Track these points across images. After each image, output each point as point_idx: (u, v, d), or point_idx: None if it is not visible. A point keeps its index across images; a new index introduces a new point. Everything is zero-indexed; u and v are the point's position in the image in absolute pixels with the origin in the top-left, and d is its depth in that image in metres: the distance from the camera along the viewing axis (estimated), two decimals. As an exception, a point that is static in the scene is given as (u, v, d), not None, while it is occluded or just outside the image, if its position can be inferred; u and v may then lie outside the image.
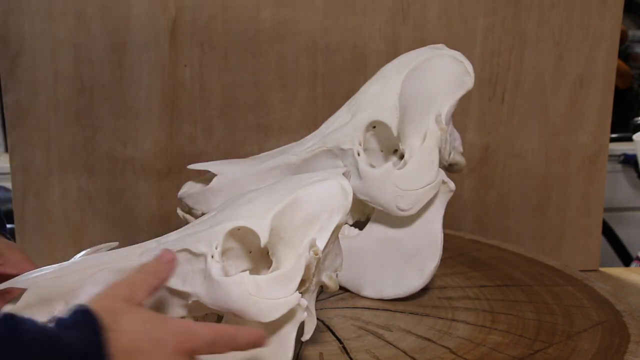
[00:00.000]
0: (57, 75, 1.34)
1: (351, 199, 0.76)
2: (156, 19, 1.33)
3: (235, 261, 0.75)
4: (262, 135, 1.39)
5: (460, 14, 1.38)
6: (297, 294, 0.72)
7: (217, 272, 0.72)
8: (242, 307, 0.71)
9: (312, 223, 0.74)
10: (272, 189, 0.77)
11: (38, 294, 0.74)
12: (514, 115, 1.43)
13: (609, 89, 1.43)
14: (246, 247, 0.75)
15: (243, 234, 0.74)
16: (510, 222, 1.48)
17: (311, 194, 0.75)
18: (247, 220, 0.73)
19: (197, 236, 0.74)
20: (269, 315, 0.71)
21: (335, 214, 0.75)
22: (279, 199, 0.74)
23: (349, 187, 0.76)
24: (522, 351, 0.85)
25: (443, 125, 0.94)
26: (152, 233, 1.41)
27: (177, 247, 0.74)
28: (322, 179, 0.77)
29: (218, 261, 0.72)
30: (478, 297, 1.00)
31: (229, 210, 0.76)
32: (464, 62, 0.97)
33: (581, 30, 1.40)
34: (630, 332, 0.89)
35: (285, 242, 0.74)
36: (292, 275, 0.72)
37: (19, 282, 0.75)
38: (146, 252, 0.76)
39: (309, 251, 0.73)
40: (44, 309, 0.74)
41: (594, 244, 1.51)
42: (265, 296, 0.71)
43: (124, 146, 1.38)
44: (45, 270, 0.77)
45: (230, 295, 0.71)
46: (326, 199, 0.75)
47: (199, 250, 0.73)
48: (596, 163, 1.47)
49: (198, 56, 1.35)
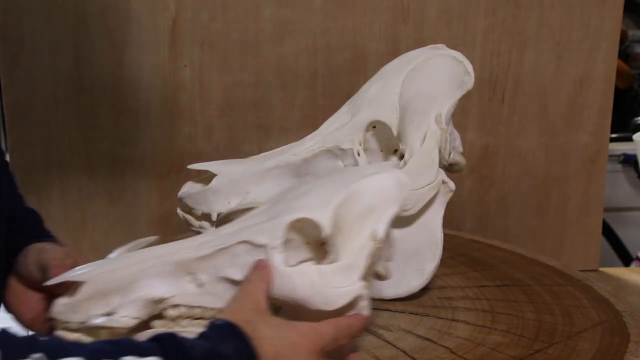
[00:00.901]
0: (57, 75, 1.34)
1: (407, 191, 0.78)
2: (156, 19, 1.33)
3: (294, 252, 0.76)
4: (262, 135, 1.39)
5: (460, 14, 1.38)
6: (360, 282, 0.74)
7: (281, 262, 0.73)
8: (307, 296, 0.72)
9: (369, 214, 0.76)
10: (326, 182, 0.79)
11: (95, 287, 0.74)
12: (514, 115, 1.43)
13: (609, 89, 1.43)
14: (304, 239, 0.76)
15: (302, 225, 0.75)
16: (510, 222, 1.48)
17: (368, 187, 0.77)
18: (309, 212, 0.74)
19: (256, 228, 0.75)
20: (334, 304, 0.72)
21: (390, 206, 0.77)
22: (337, 192, 0.76)
23: (405, 179, 0.78)
24: (522, 351, 0.85)
25: (443, 125, 0.94)
26: (152, 233, 1.40)
27: (237, 239, 0.75)
28: (378, 171, 0.79)
29: (281, 252, 0.73)
30: (478, 297, 1.00)
31: (286, 203, 0.78)
32: (464, 62, 0.97)
33: (581, 30, 1.40)
34: (630, 332, 0.89)
35: (343, 233, 0.75)
36: (355, 264, 0.74)
37: (75, 275, 0.75)
38: (204, 244, 0.76)
39: (370, 241, 0.75)
40: (101, 301, 0.74)
41: (594, 244, 1.51)
42: (330, 285, 0.72)
43: (124, 146, 1.38)
44: (98, 264, 0.77)
45: (295, 284, 0.72)
46: (382, 191, 0.77)
47: (260, 241, 0.74)
48: (596, 163, 1.47)
49: (198, 56, 1.35)
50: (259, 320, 0.67)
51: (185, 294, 0.75)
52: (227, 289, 0.75)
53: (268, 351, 0.65)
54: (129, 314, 0.73)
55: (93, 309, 0.74)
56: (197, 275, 0.75)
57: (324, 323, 0.70)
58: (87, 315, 0.74)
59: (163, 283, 0.75)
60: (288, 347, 0.66)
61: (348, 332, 0.71)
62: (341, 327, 0.71)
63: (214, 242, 0.75)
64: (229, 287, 0.75)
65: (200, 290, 0.75)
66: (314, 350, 0.67)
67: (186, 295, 0.75)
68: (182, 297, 0.75)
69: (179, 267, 0.75)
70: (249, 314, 0.68)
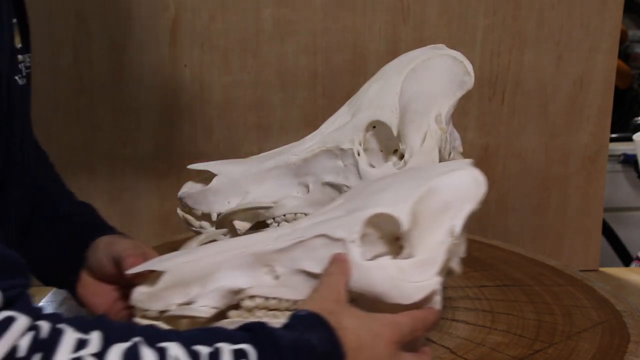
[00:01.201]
0: (57, 75, 1.34)
1: (484, 189, 0.78)
2: (156, 19, 1.33)
3: (369, 247, 0.76)
4: (262, 135, 1.39)
5: (460, 14, 1.38)
6: (438, 277, 0.74)
7: (359, 256, 0.74)
8: (385, 290, 0.73)
9: (446, 211, 0.77)
10: (402, 178, 0.80)
11: (175, 276, 0.76)
12: (514, 115, 1.43)
13: (609, 89, 1.43)
14: (379, 233, 0.77)
15: (379, 220, 0.76)
16: (510, 222, 1.48)
17: (446, 183, 0.78)
18: (388, 208, 0.75)
19: (334, 222, 0.76)
20: (411, 298, 0.73)
21: (468, 203, 0.78)
22: (415, 188, 0.77)
23: (482, 177, 0.79)
24: (522, 351, 0.85)
25: (443, 125, 0.94)
26: (152, 233, 1.41)
27: (314, 233, 0.76)
28: (456, 168, 0.80)
29: (359, 246, 0.74)
30: (478, 297, 1.00)
31: (363, 198, 0.79)
32: (464, 62, 0.97)
33: (581, 30, 1.40)
34: (630, 332, 0.89)
35: (420, 229, 0.76)
36: (434, 259, 0.75)
37: (155, 265, 0.77)
38: (282, 237, 0.77)
39: (448, 237, 0.76)
40: (180, 291, 0.76)
41: (594, 244, 1.51)
42: (408, 279, 0.73)
43: (124, 146, 1.38)
44: (178, 254, 0.79)
45: (373, 278, 0.73)
46: (460, 188, 0.78)
47: (338, 235, 0.75)
48: (596, 163, 1.47)
49: (198, 56, 1.35)
50: (341, 312, 0.68)
51: (262, 286, 0.76)
52: (303, 282, 0.76)
53: (352, 340, 0.66)
54: (208, 304, 0.75)
55: (172, 298, 0.76)
56: (274, 267, 0.76)
57: (403, 315, 0.71)
58: (166, 304, 0.76)
59: (242, 274, 0.76)
60: (370, 337, 0.67)
61: (424, 325, 0.72)
62: (418, 319, 0.72)
63: (292, 235, 0.77)
64: (305, 279, 0.76)
65: (276, 282, 0.76)
66: (394, 340, 0.69)
67: (263, 287, 0.76)
68: (259, 289, 0.76)
69: (256, 259, 0.76)
70: (331, 305, 0.69)
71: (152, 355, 0.59)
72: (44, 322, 0.57)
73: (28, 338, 0.55)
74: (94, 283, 0.86)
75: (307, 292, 0.76)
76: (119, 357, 0.58)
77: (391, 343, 0.69)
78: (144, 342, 0.60)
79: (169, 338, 0.61)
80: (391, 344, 0.69)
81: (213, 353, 0.61)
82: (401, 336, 0.70)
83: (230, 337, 0.63)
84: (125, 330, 0.61)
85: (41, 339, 0.56)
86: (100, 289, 0.86)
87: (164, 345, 0.60)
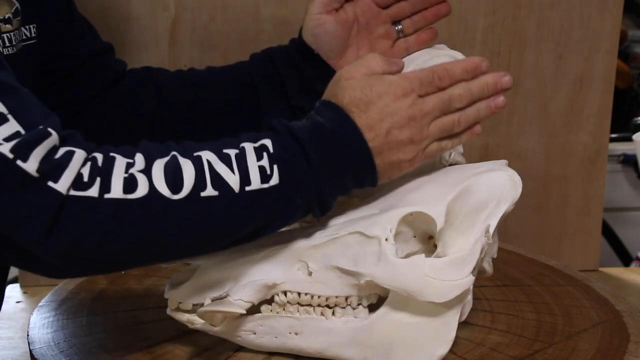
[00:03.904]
0: (57, 75, 1.33)
1: (520, 190, 0.79)
2: (156, 19, 1.33)
3: (402, 245, 0.77)
4: (262, 135, 1.39)
5: (460, 14, 1.37)
6: (471, 276, 0.75)
7: (393, 254, 0.74)
8: (419, 288, 0.74)
9: (481, 210, 0.78)
10: (437, 178, 0.81)
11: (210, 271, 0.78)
12: (514, 115, 1.43)
13: (608, 89, 1.43)
14: (413, 232, 0.78)
15: (414, 219, 0.76)
16: (510, 222, 1.48)
17: (481, 183, 0.79)
18: (423, 206, 0.76)
19: (369, 220, 0.77)
20: (444, 296, 0.74)
21: (502, 203, 0.79)
22: (451, 187, 0.77)
23: (518, 177, 0.80)
24: (522, 351, 0.85)
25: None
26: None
27: (349, 230, 0.76)
28: (493, 169, 0.81)
29: (393, 244, 0.75)
30: (478, 297, 1.00)
31: (397, 196, 0.79)
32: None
33: (581, 30, 1.40)
34: (630, 332, 0.89)
35: (454, 228, 0.77)
36: (468, 258, 0.75)
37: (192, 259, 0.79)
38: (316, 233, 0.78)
39: (483, 237, 0.76)
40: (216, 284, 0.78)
41: (594, 244, 1.51)
42: (442, 278, 0.74)
43: (124, 146, 1.37)
44: None
45: (407, 276, 0.74)
46: (495, 188, 0.79)
47: (372, 233, 0.75)
48: (596, 163, 1.47)
49: (198, 56, 1.35)
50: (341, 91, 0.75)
51: (296, 281, 0.77)
52: (336, 278, 0.77)
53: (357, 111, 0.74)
54: (243, 297, 0.76)
55: (208, 292, 0.77)
56: (308, 263, 0.77)
57: (414, 71, 0.77)
58: (201, 297, 0.77)
59: (275, 269, 0.77)
60: (376, 96, 0.74)
61: (447, 74, 0.75)
62: (436, 69, 0.76)
63: (326, 231, 0.78)
64: (338, 275, 0.76)
65: (309, 277, 0.77)
66: (406, 92, 0.74)
67: (296, 282, 0.77)
68: (292, 284, 0.77)
69: (290, 255, 0.77)
70: (332, 89, 0.77)
71: (188, 162, 0.69)
72: (97, 154, 0.68)
73: (88, 167, 0.66)
74: None
75: (339, 288, 0.76)
76: (161, 168, 0.68)
77: (401, 96, 0.74)
78: (180, 154, 0.70)
79: (200, 148, 0.71)
80: (401, 98, 0.74)
81: (239, 153, 0.71)
82: (413, 86, 0.74)
83: (253, 137, 0.73)
84: (163, 149, 0.71)
85: (99, 166, 0.67)
86: None
87: (198, 153, 0.70)
